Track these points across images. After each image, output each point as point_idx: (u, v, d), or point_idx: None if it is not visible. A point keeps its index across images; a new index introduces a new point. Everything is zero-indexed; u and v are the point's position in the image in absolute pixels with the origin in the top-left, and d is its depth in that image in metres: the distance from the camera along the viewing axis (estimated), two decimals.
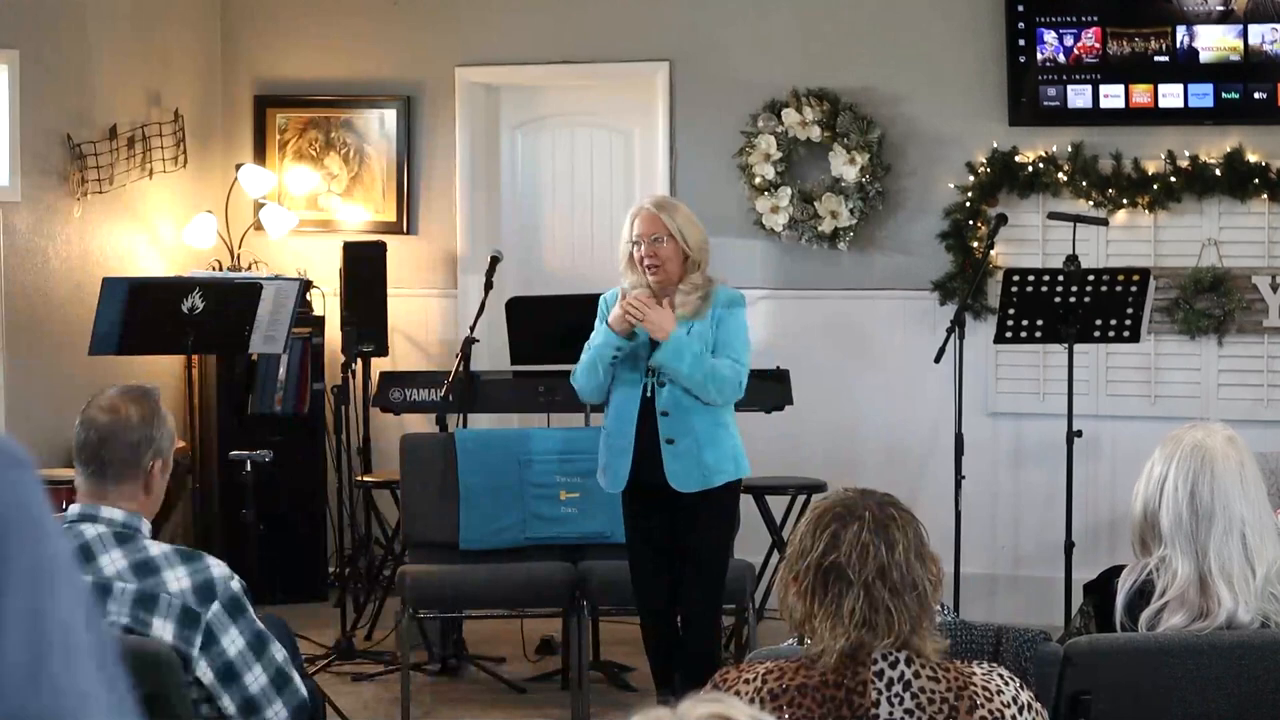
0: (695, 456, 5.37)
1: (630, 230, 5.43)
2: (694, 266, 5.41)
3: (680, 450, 5.36)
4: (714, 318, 5.39)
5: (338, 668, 6.69)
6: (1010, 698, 2.62)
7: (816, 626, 2.63)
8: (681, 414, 5.37)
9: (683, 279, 5.40)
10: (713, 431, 5.39)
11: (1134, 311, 6.41)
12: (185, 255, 8.08)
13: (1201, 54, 7.13)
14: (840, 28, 7.75)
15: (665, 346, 5.28)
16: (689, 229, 5.41)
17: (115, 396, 3.48)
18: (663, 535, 5.49)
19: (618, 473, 5.44)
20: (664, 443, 5.36)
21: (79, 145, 7.38)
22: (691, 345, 5.30)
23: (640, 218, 5.41)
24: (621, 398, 5.44)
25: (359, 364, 7.65)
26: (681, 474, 5.36)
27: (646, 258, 5.37)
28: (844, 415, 7.77)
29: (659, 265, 5.37)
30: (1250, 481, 3.29)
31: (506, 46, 8.17)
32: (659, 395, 5.38)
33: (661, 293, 5.42)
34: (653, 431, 5.37)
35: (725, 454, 5.42)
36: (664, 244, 5.37)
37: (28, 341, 7.10)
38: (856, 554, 2.61)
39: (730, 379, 5.34)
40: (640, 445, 5.38)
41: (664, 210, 5.43)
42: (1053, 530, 7.09)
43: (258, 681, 3.37)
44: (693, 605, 5.52)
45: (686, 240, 5.39)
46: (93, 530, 3.38)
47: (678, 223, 5.39)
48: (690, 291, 5.39)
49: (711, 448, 5.39)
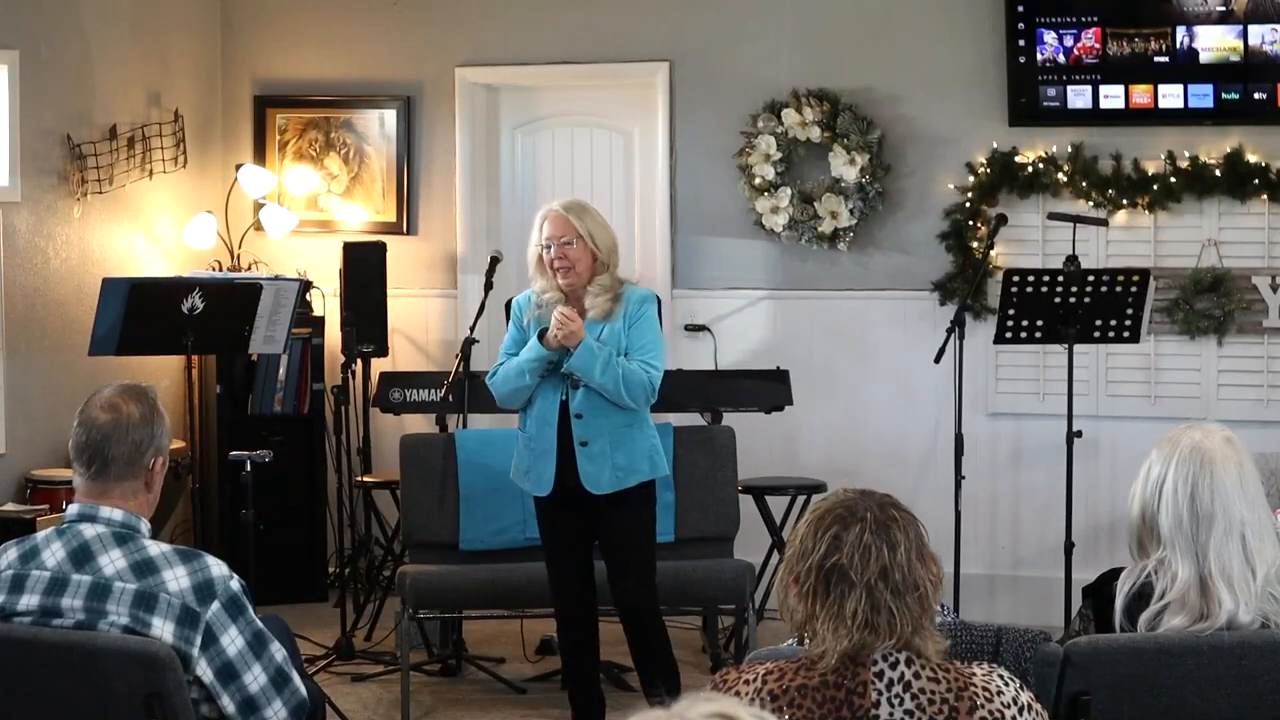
0: (608, 458, 5.38)
1: (539, 233, 5.43)
2: (602, 268, 5.42)
3: (594, 452, 5.37)
4: (626, 318, 5.40)
5: (338, 668, 6.69)
6: (1010, 698, 2.62)
7: (818, 628, 2.62)
8: (594, 416, 5.38)
9: (591, 281, 5.41)
10: (626, 432, 5.41)
11: (1134, 312, 6.41)
12: (185, 255, 8.08)
13: (1201, 54, 7.13)
14: (840, 28, 7.76)
15: (577, 354, 5.30)
16: (598, 231, 5.40)
17: (114, 395, 3.48)
18: (578, 533, 5.50)
19: (541, 475, 5.44)
20: (578, 445, 5.37)
21: (79, 145, 7.38)
22: (602, 352, 5.31)
23: (549, 220, 5.41)
24: (542, 401, 5.45)
25: (359, 364, 7.65)
26: (595, 475, 5.38)
27: (556, 260, 5.37)
28: (844, 415, 7.78)
29: (569, 267, 5.37)
30: (1249, 482, 3.29)
31: (506, 46, 8.17)
32: (572, 398, 5.39)
33: (571, 294, 5.43)
34: (569, 434, 5.39)
35: (640, 454, 5.43)
36: (573, 246, 5.37)
37: (28, 341, 7.10)
38: (859, 555, 2.61)
39: (642, 383, 5.35)
40: (560, 448, 5.40)
41: (573, 212, 5.42)
42: (1052, 531, 7.09)
43: (257, 681, 3.37)
44: (628, 604, 5.51)
45: (595, 242, 5.38)
46: (92, 530, 3.39)
47: (586, 225, 5.39)
48: (599, 294, 5.40)
49: (624, 449, 5.40)
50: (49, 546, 3.39)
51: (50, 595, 3.36)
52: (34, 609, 3.37)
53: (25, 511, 6.59)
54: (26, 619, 3.37)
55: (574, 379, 5.37)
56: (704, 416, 6.94)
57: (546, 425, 5.42)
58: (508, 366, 5.46)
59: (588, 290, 5.41)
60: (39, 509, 6.62)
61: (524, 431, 5.53)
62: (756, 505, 7.15)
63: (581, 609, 5.57)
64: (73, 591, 3.35)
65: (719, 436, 6.54)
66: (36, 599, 3.37)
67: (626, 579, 5.48)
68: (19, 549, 3.43)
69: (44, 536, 3.42)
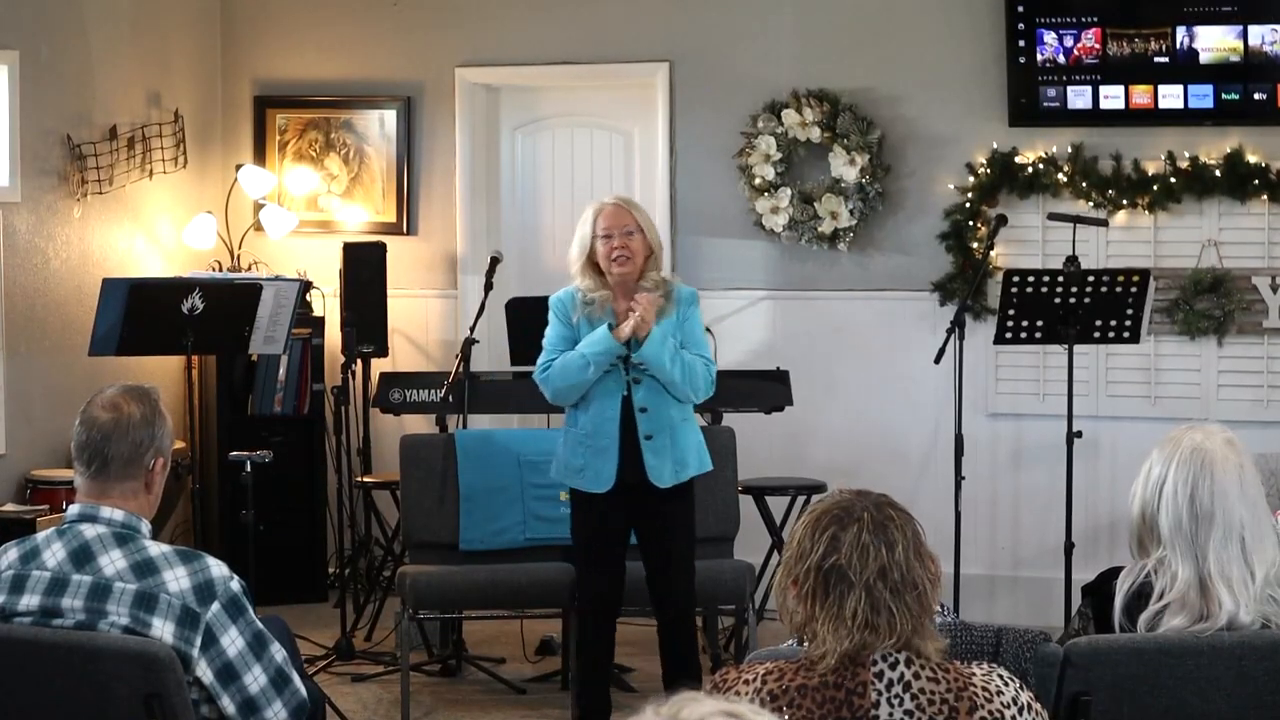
0: (669, 452, 5.44)
1: (594, 225, 5.46)
2: (654, 264, 5.48)
3: (657, 445, 5.43)
4: (679, 316, 5.45)
5: (338, 668, 6.69)
6: (1010, 698, 2.62)
7: (818, 629, 2.62)
8: (657, 410, 5.44)
9: (642, 276, 5.45)
10: (682, 427, 5.49)
11: (1134, 312, 6.41)
12: (185, 256, 8.08)
13: (1201, 54, 7.14)
14: (840, 28, 7.76)
15: (648, 345, 5.33)
16: (650, 226, 5.50)
17: (116, 395, 3.48)
18: (623, 531, 5.52)
19: (601, 472, 5.46)
20: (643, 439, 5.41)
21: (79, 145, 7.38)
22: (669, 344, 5.38)
23: (607, 212, 5.46)
24: (601, 397, 5.46)
25: (359, 364, 7.65)
26: (658, 468, 5.43)
27: (617, 249, 5.40)
28: (844, 415, 7.78)
29: (630, 257, 5.41)
30: (1249, 484, 3.29)
31: (506, 47, 8.18)
32: (635, 392, 5.43)
33: (620, 290, 5.45)
34: (630, 429, 5.42)
35: (691, 449, 5.51)
36: (635, 236, 5.42)
37: (28, 341, 7.10)
38: (856, 555, 2.61)
39: (705, 375, 5.45)
40: (622, 443, 5.43)
41: (630, 205, 5.52)
42: (1052, 531, 7.09)
43: (257, 682, 3.37)
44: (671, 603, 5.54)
45: (650, 236, 5.47)
46: (92, 530, 3.38)
47: (643, 218, 5.49)
48: (653, 289, 5.44)
49: (682, 442, 5.47)
50: (49, 547, 3.39)
51: (50, 595, 3.36)
52: (34, 609, 3.37)
53: (25, 512, 6.59)
54: (27, 619, 3.37)
55: (634, 373, 5.40)
56: (704, 417, 6.94)
57: (608, 421, 5.43)
58: (566, 360, 5.43)
59: (641, 286, 5.44)
60: (39, 509, 6.62)
61: (575, 429, 5.53)
62: (756, 505, 7.15)
63: (608, 610, 5.58)
64: (73, 592, 3.35)
65: (719, 437, 6.53)
66: (37, 599, 3.37)
67: (674, 577, 5.52)
68: (19, 549, 3.43)
69: (44, 537, 3.42)
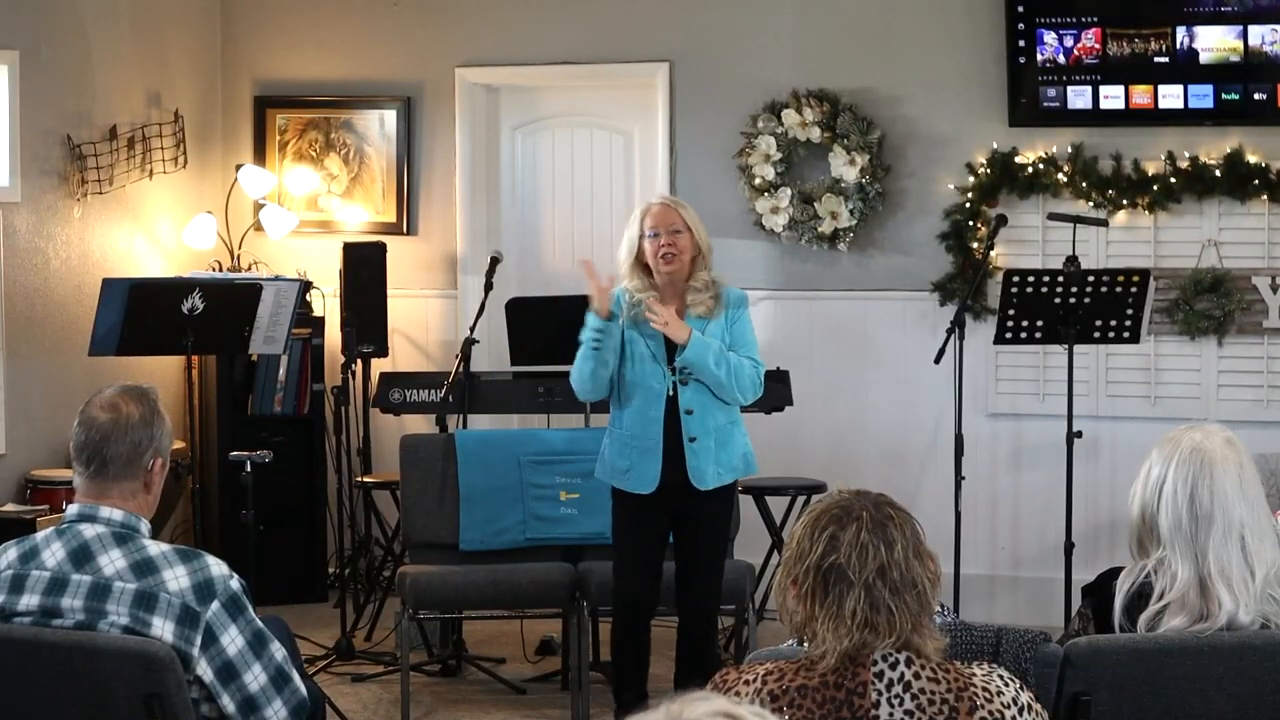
0: (713, 454, 5.47)
1: (643, 225, 5.50)
2: (701, 264, 5.51)
3: (700, 448, 5.44)
4: (728, 318, 5.49)
5: (338, 668, 6.69)
6: (1010, 698, 2.62)
7: (818, 629, 2.62)
8: (703, 413, 5.46)
9: (690, 276, 5.48)
10: (728, 430, 5.51)
11: (1134, 312, 6.41)
12: (185, 256, 8.08)
13: (1201, 55, 7.13)
14: (840, 28, 7.75)
15: (691, 347, 5.36)
16: (698, 226, 5.53)
17: (115, 395, 3.48)
18: (660, 532, 5.52)
19: (646, 473, 5.47)
20: (687, 441, 5.43)
21: (79, 145, 7.38)
22: (713, 343, 5.39)
23: (653, 212, 5.51)
24: (644, 398, 5.48)
25: (359, 364, 7.65)
26: (700, 471, 5.45)
27: (664, 247, 5.44)
28: (844, 416, 7.77)
29: (676, 255, 5.45)
30: (1249, 484, 3.29)
31: (506, 47, 8.17)
32: (681, 394, 5.44)
33: (669, 290, 5.46)
34: (674, 431, 5.42)
35: (736, 452, 5.54)
36: (683, 235, 5.47)
37: (28, 341, 7.10)
38: (855, 554, 2.61)
39: (752, 376, 5.46)
40: (666, 444, 5.44)
41: (678, 205, 5.57)
42: (1052, 531, 7.09)
43: (257, 681, 3.37)
44: (692, 605, 5.55)
45: (698, 235, 5.50)
46: (92, 530, 3.38)
47: (690, 217, 5.52)
48: (702, 290, 5.49)
49: (727, 445, 5.49)
50: (49, 546, 3.39)
51: (50, 595, 3.36)
52: (34, 609, 3.37)
53: (25, 511, 6.59)
54: (26, 619, 3.37)
55: (680, 375, 5.41)
56: None
57: (652, 423, 5.45)
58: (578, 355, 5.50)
59: (690, 286, 5.49)
60: (39, 509, 6.62)
61: (620, 429, 5.54)
62: (756, 505, 7.15)
63: (645, 611, 5.59)
64: (73, 591, 3.35)
65: None
66: (36, 599, 3.37)
67: (702, 578, 5.54)
68: (19, 549, 3.43)
69: (44, 536, 3.42)
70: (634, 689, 5.60)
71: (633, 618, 5.60)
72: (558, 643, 6.80)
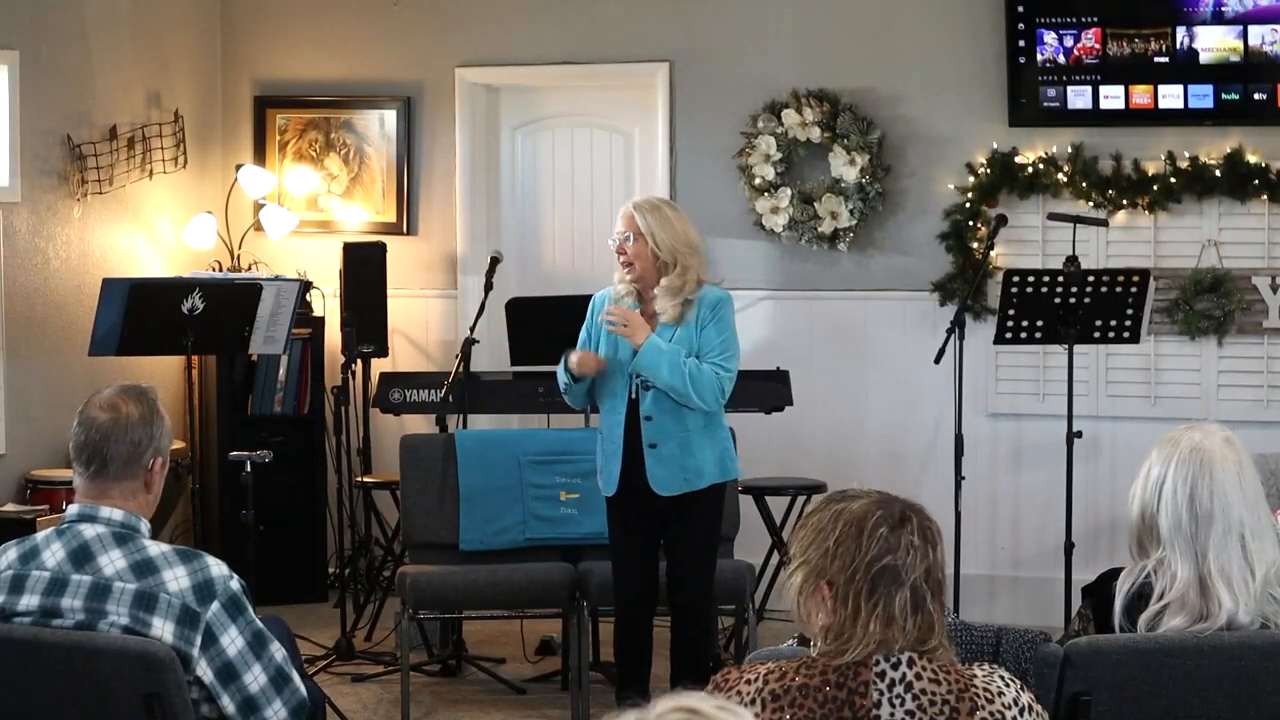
0: (678, 461, 5.40)
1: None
2: (667, 269, 5.39)
3: (663, 454, 5.39)
4: (699, 321, 5.39)
5: (338, 668, 6.69)
6: (1011, 699, 2.62)
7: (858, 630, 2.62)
8: (664, 419, 5.39)
9: (657, 283, 5.41)
10: (696, 436, 5.41)
11: (1134, 312, 6.41)
12: (185, 256, 8.08)
13: (1201, 55, 7.13)
14: (840, 28, 7.75)
15: (642, 353, 5.32)
16: (661, 230, 5.37)
17: (114, 395, 3.48)
18: (646, 533, 5.52)
19: (609, 475, 5.49)
20: (646, 447, 5.39)
21: (79, 145, 7.38)
22: (669, 352, 5.31)
23: (620, 215, 5.49)
24: (612, 402, 5.48)
25: (359, 364, 7.65)
26: (663, 478, 5.40)
27: (618, 254, 5.43)
28: (844, 415, 7.77)
29: (629, 263, 5.42)
30: (1249, 483, 3.29)
31: (506, 47, 8.17)
32: (642, 399, 5.41)
33: (644, 292, 5.46)
34: (635, 436, 5.41)
35: (709, 458, 5.44)
36: (631, 242, 5.39)
37: (28, 341, 7.10)
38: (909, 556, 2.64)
39: (711, 384, 5.34)
40: (627, 449, 5.42)
41: (640, 209, 5.43)
42: (1052, 531, 7.09)
43: (257, 681, 3.37)
44: (679, 601, 5.54)
45: (656, 241, 5.36)
46: (92, 530, 3.38)
47: (649, 223, 5.37)
48: (665, 296, 5.39)
49: (694, 452, 5.41)
50: (49, 547, 3.39)
51: (50, 595, 3.36)
52: (34, 609, 3.37)
53: (25, 511, 6.59)
54: (26, 619, 3.37)
55: (644, 380, 5.38)
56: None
57: (615, 426, 5.45)
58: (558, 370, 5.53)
59: (654, 294, 5.42)
60: (39, 509, 6.62)
61: (599, 431, 5.58)
62: (756, 506, 7.15)
63: (642, 611, 5.58)
64: (73, 592, 3.35)
65: None
66: (36, 599, 3.37)
67: (683, 578, 5.52)
68: (19, 549, 3.43)
69: (44, 537, 3.42)
70: (635, 689, 5.60)
71: (631, 618, 5.60)
72: (558, 643, 6.80)
